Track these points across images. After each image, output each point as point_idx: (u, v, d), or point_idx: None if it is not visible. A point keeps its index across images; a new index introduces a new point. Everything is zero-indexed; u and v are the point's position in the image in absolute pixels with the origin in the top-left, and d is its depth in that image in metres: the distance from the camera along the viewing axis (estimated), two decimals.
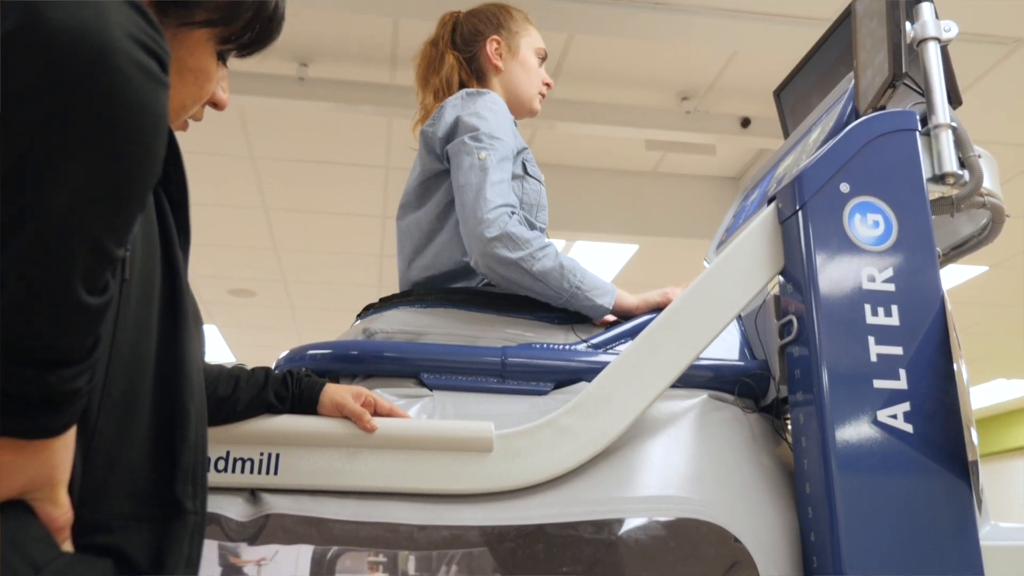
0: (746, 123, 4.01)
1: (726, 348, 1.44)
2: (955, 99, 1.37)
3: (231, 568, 1.15)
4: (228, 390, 1.15)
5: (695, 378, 1.36)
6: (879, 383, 1.22)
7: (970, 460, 1.19)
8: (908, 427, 1.20)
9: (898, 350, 1.23)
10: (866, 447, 1.19)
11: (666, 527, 1.22)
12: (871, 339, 1.23)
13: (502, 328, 1.43)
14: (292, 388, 1.20)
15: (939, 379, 1.23)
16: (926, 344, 1.24)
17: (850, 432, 1.19)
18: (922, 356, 1.24)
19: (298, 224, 5.15)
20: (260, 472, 1.16)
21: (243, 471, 1.16)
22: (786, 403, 1.36)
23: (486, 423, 1.23)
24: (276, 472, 1.17)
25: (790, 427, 1.36)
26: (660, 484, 1.26)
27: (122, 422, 0.74)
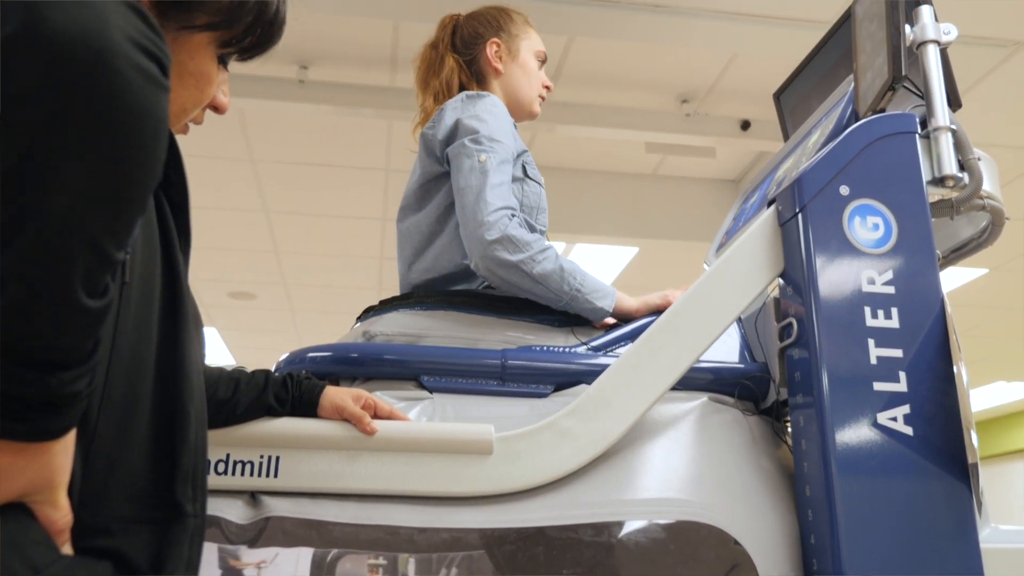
0: (746, 126, 4.01)
1: (726, 351, 1.44)
2: (955, 102, 1.37)
3: (231, 571, 1.14)
4: (228, 393, 1.15)
5: (695, 380, 1.36)
6: (879, 385, 1.22)
7: (970, 462, 1.19)
8: (908, 430, 1.20)
9: (898, 352, 1.23)
10: (866, 450, 1.19)
11: (666, 530, 1.22)
12: (871, 342, 1.24)
13: (502, 331, 1.43)
14: (292, 391, 1.20)
15: (939, 381, 1.23)
16: (926, 347, 1.24)
17: (850, 435, 1.19)
18: (922, 359, 1.24)
19: (298, 227, 5.15)
20: (260, 475, 1.16)
21: (243, 474, 1.16)
22: (786, 406, 1.36)
23: (486, 425, 1.23)
24: (276, 475, 1.17)
25: (790, 430, 1.36)
26: (660, 487, 1.26)
27: (122, 425, 0.74)
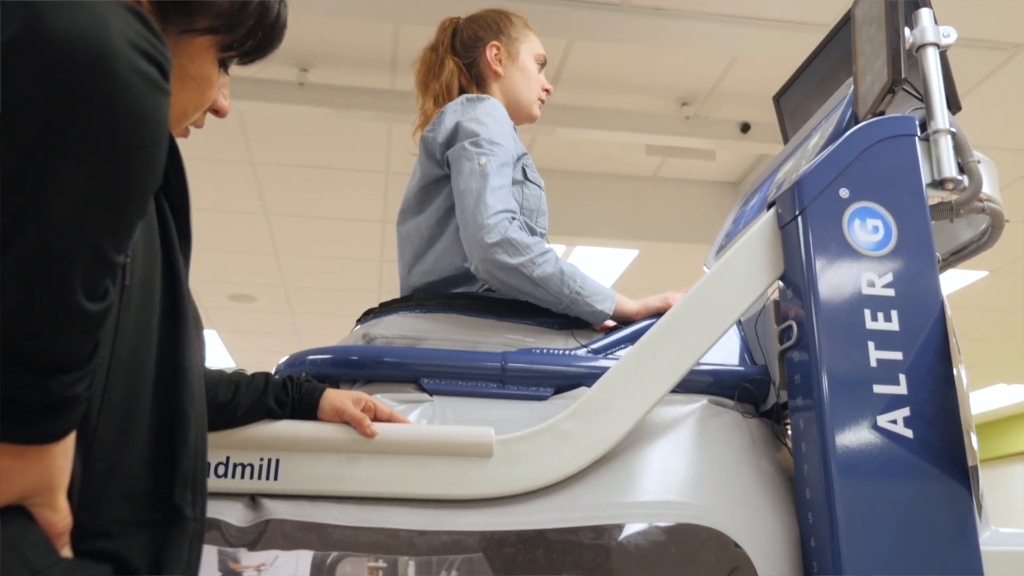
0: (746, 128, 4.01)
1: (726, 353, 1.44)
2: (954, 104, 1.37)
3: (231, 573, 1.14)
4: (228, 395, 1.15)
5: (695, 383, 1.36)
6: (879, 388, 1.22)
7: (970, 465, 1.19)
8: (908, 432, 1.20)
9: (898, 355, 1.23)
10: (866, 452, 1.19)
11: (666, 532, 1.21)
12: (871, 344, 1.24)
13: (502, 333, 1.43)
14: (292, 393, 1.20)
15: (939, 384, 1.23)
16: (926, 349, 1.24)
17: (850, 437, 1.19)
18: (922, 361, 1.24)
19: (298, 229, 5.16)
20: (260, 477, 1.16)
21: (243, 476, 1.16)
22: (786, 408, 1.36)
23: (486, 428, 1.23)
24: (276, 477, 1.17)
25: (790, 432, 1.36)
26: (660, 489, 1.26)
27: (122, 427, 0.74)
